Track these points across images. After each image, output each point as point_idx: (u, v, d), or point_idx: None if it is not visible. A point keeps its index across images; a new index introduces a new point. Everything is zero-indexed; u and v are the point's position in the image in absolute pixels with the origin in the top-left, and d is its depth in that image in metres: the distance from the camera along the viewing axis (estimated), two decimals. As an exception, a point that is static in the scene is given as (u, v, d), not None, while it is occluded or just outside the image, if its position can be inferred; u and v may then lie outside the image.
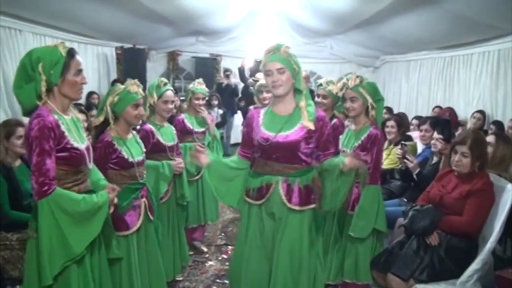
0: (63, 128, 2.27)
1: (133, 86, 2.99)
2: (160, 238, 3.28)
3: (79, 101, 6.12)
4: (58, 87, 2.28)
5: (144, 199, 3.07)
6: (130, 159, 2.96)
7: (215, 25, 9.65)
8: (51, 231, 2.20)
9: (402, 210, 3.65)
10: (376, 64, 10.73)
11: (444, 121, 4.42)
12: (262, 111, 2.93)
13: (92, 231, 2.34)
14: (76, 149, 2.32)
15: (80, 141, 2.37)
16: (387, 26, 7.51)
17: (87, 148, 2.43)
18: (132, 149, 3.01)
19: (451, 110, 7.08)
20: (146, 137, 3.61)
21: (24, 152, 3.35)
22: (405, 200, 4.26)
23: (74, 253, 2.24)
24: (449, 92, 7.73)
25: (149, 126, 3.70)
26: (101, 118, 2.96)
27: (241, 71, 8.15)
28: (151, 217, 3.12)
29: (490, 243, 2.99)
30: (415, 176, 4.03)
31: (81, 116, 4.35)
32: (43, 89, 2.23)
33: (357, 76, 3.38)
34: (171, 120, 4.16)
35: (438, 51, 8.03)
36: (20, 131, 3.42)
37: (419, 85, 8.84)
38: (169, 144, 3.78)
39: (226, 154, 7.76)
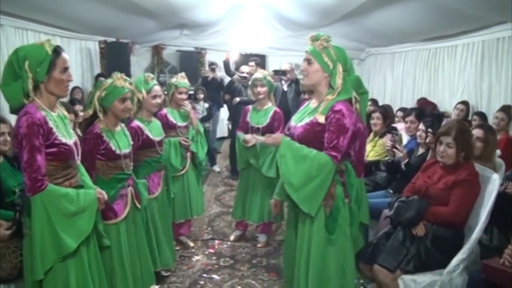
0: (51, 124, 2.33)
1: (119, 80, 3.06)
2: (144, 228, 3.38)
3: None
4: (44, 84, 2.34)
5: (130, 188, 3.17)
6: (118, 151, 3.05)
7: (199, 18, 9.56)
8: (43, 227, 2.26)
9: (387, 201, 3.66)
10: (361, 57, 10.73)
11: (434, 115, 4.44)
12: (306, 103, 3.00)
13: (84, 227, 2.43)
14: (65, 144, 2.38)
15: (68, 137, 2.44)
16: (371, 18, 7.50)
17: (75, 144, 2.50)
18: (120, 142, 3.09)
19: (432, 104, 7.11)
20: (135, 134, 3.63)
21: (6, 149, 3.31)
22: (391, 191, 4.27)
23: (66, 249, 2.31)
24: (434, 84, 7.75)
25: (136, 123, 3.70)
26: (90, 112, 3.06)
27: (226, 64, 8.10)
28: (138, 206, 3.21)
29: (476, 232, 3.02)
30: (403, 166, 4.03)
31: (70, 116, 4.35)
32: (30, 86, 2.28)
33: None
34: (154, 115, 4.13)
35: (422, 43, 8.04)
36: (3, 127, 3.35)
37: (404, 77, 8.86)
38: (158, 139, 3.81)
39: (211, 148, 7.72)
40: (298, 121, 2.83)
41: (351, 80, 2.74)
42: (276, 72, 6.32)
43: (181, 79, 4.49)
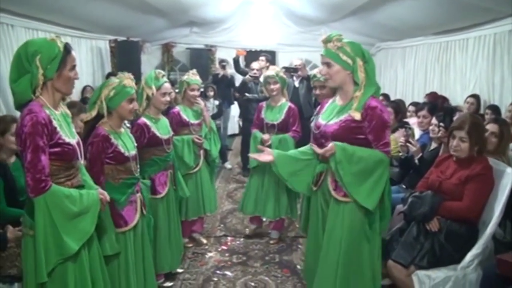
0: (55, 123, 2.27)
1: (127, 80, 2.96)
2: (151, 233, 3.31)
3: (72, 97, 6.10)
4: (52, 81, 2.29)
5: (139, 194, 3.08)
6: (126, 153, 2.94)
7: (209, 16, 9.57)
8: (46, 228, 2.20)
9: (400, 197, 3.64)
10: (371, 51, 10.65)
11: (446, 109, 4.40)
12: (330, 100, 3.02)
13: (87, 228, 2.36)
14: (68, 144, 2.33)
15: (71, 136, 2.38)
16: (382, 13, 7.45)
17: (78, 143, 2.43)
18: (126, 143, 2.99)
19: (442, 97, 7.05)
20: (141, 131, 3.61)
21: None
22: (404, 186, 4.25)
23: (68, 251, 2.25)
24: (445, 78, 7.68)
25: (143, 120, 3.68)
26: (94, 113, 2.91)
27: (236, 61, 8.09)
28: (144, 212, 3.13)
29: (490, 227, 3.00)
30: (417, 161, 4.00)
31: (83, 116, 4.35)
32: (40, 82, 2.23)
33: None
34: (166, 112, 4.13)
35: (433, 37, 7.97)
36: (15, 127, 3.38)
37: (415, 71, 8.79)
38: (165, 137, 3.76)
39: (222, 145, 7.72)
40: (329, 119, 2.86)
41: (372, 70, 2.75)
42: (287, 69, 6.31)
43: (192, 76, 4.49)
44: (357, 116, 2.69)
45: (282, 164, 2.96)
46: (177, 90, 4.62)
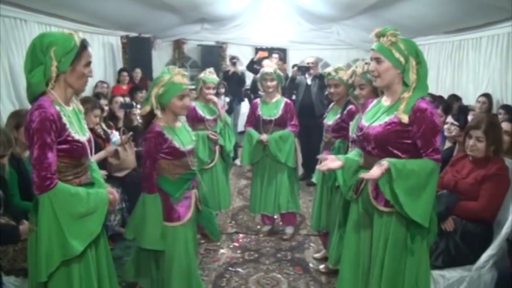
0: (64, 120, 2.22)
1: (177, 76, 2.91)
2: (211, 227, 3.39)
3: (84, 92, 6.12)
4: (65, 75, 2.24)
5: (195, 190, 3.07)
6: (182, 148, 2.94)
7: (220, 12, 9.58)
8: (50, 227, 2.16)
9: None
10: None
11: (459, 108, 4.37)
12: (375, 100, 2.80)
13: (93, 229, 2.30)
14: (78, 141, 2.28)
15: (82, 133, 2.33)
16: (394, 11, 7.41)
17: (89, 140, 2.39)
18: (182, 138, 2.98)
19: (456, 97, 6.99)
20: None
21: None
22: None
23: (72, 253, 2.20)
24: (458, 77, 7.63)
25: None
26: (148, 108, 2.94)
27: (254, 62, 8.02)
28: (200, 207, 3.12)
29: (506, 228, 2.98)
30: None
31: (97, 112, 4.36)
32: (53, 74, 2.19)
33: (366, 63, 3.31)
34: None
35: (446, 35, 7.92)
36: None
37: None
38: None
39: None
40: (373, 120, 2.62)
41: (424, 73, 2.54)
42: (299, 68, 6.29)
43: (209, 75, 4.54)
44: (405, 119, 2.45)
45: (349, 169, 2.71)
46: (191, 87, 4.64)
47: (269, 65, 4.82)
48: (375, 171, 2.41)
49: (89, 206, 2.27)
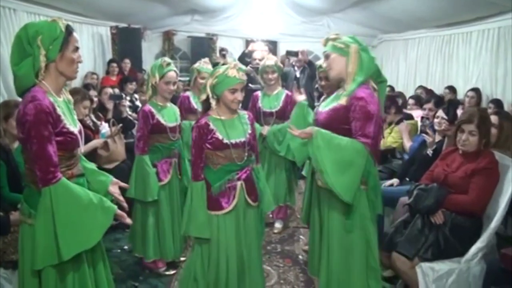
0: (59, 111, 2.17)
1: (232, 70, 2.87)
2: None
3: (74, 82, 6.05)
4: (55, 64, 2.19)
5: (241, 182, 2.98)
6: (225, 141, 2.89)
7: (210, 3, 9.52)
8: (46, 222, 2.11)
9: (403, 189, 3.65)
10: (373, 43, 10.62)
11: (449, 102, 4.39)
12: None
13: (87, 240, 2.19)
14: (72, 133, 2.24)
15: (73, 124, 2.29)
16: (385, 4, 7.43)
17: (80, 132, 2.35)
18: (230, 131, 2.93)
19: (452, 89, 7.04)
20: (146, 117, 3.64)
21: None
22: (408, 179, 4.24)
23: (60, 258, 2.12)
24: (448, 71, 7.68)
25: (148, 107, 3.69)
26: (204, 96, 2.96)
27: (245, 54, 7.97)
28: (251, 203, 3.03)
29: (495, 221, 3.01)
30: (429, 152, 3.95)
31: (87, 103, 4.32)
32: (42, 64, 2.13)
33: None
34: (175, 99, 4.11)
35: (436, 29, 7.95)
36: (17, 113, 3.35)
37: (417, 63, 8.77)
38: (170, 125, 3.75)
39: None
40: (324, 107, 2.94)
41: (369, 58, 2.79)
42: (289, 53, 6.28)
43: (204, 65, 4.52)
44: (343, 101, 2.74)
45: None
46: (182, 79, 4.61)
47: (270, 58, 4.79)
48: (300, 133, 2.75)
49: (94, 218, 2.18)
